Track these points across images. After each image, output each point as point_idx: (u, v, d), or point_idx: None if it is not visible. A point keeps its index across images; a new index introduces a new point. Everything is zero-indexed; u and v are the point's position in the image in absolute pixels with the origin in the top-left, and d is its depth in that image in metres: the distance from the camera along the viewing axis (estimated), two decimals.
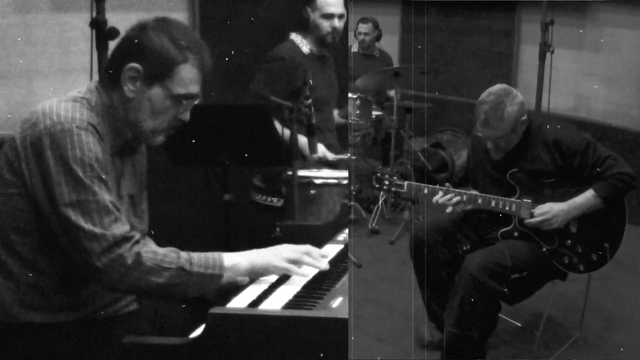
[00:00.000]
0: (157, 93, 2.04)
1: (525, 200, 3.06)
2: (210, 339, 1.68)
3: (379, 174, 3.25)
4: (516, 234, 3.11)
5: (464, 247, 3.20)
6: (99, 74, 2.17)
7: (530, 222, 3.05)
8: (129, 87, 2.03)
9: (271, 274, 2.09)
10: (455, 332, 2.99)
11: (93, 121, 1.96)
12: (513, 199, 3.07)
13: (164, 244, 2.23)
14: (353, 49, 6.08)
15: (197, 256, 1.97)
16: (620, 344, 3.48)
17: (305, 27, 4.00)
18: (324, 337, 1.64)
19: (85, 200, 1.87)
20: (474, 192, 3.15)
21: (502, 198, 3.08)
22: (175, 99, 2.05)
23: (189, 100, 2.08)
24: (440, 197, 3.09)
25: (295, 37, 4.02)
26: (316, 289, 2.03)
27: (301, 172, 3.52)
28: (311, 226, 2.83)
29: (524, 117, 3.00)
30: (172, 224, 3.43)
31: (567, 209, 3.01)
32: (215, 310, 1.71)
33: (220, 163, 3.28)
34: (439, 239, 3.20)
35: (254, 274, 2.06)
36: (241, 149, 3.23)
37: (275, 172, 3.65)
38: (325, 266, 2.11)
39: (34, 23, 3.75)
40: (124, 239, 1.88)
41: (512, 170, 3.07)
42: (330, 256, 2.31)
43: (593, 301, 3.62)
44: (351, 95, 4.98)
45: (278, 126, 3.46)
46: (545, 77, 4.65)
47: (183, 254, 1.95)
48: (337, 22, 3.97)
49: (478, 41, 6.66)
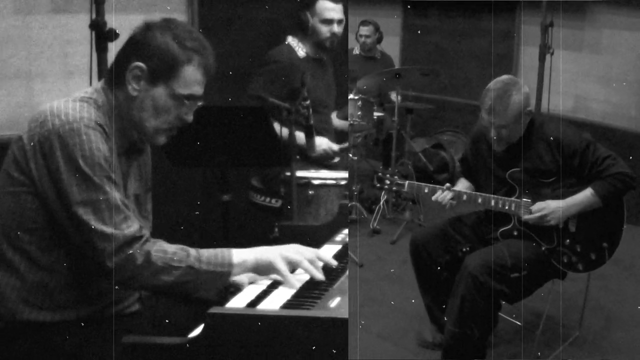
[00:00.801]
0: (160, 92, 2.05)
1: (524, 199, 3.07)
2: (209, 339, 1.69)
3: (380, 174, 3.26)
4: (515, 234, 3.11)
5: (463, 249, 3.20)
6: (105, 74, 2.17)
7: (529, 218, 3.05)
8: (133, 86, 2.05)
9: (271, 274, 2.09)
10: (456, 331, 3.00)
11: (100, 120, 1.98)
12: (512, 199, 3.08)
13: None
14: (354, 51, 6.09)
15: (207, 253, 1.98)
16: (619, 343, 3.48)
17: (304, 31, 4.02)
18: (322, 337, 1.64)
19: (96, 199, 1.89)
20: (474, 192, 3.16)
21: (501, 197, 3.09)
22: (177, 99, 2.06)
23: (191, 101, 2.09)
24: (440, 194, 3.10)
25: (292, 41, 4.04)
26: (315, 289, 2.03)
27: (299, 173, 3.54)
28: (309, 226, 2.84)
29: (528, 108, 3.02)
30: (172, 225, 3.44)
31: (565, 205, 3.01)
32: (214, 310, 1.71)
33: (219, 164, 3.29)
34: (438, 242, 3.20)
35: (256, 271, 2.07)
36: (240, 150, 3.24)
37: (273, 173, 3.66)
38: (320, 277, 2.08)
39: (33, 24, 3.76)
40: (135, 238, 1.90)
41: (512, 170, 3.08)
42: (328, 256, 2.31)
43: (592, 300, 3.63)
44: (353, 96, 4.99)
45: (276, 127, 3.47)
46: (545, 78, 4.66)
47: (192, 252, 1.96)
48: (336, 28, 3.99)
49: (478, 43, 6.67)
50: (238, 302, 1.95)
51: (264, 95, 3.55)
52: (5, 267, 2.01)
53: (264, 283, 2.12)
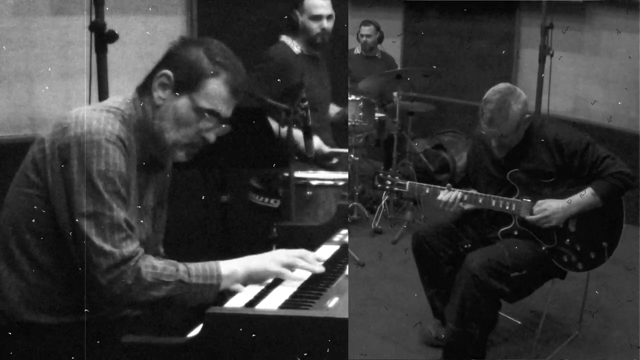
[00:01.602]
0: (182, 103, 2.05)
1: (525, 199, 3.07)
2: (208, 339, 1.69)
3: (381, 174, 3.27)
4: (516, 233, 3.12)
5: (465, 246, 3.21)
6: (140, 83, 2.14)
7: (530, 218, 3.06)
8: (159, 94, 2.05)
9: (267, 279, 2.10)
10: (456, 330, 3.00)
11: (123, 134, 1.97)
12: (513, 199, 3.09)
13: (163, 244, 2.25)
14: (355, 51, 6.11)
15: (195, 267, 1.97)
16: (618, 342, 3.48)
17: (295, 29, 4.03)
18: (320, 337, 1.65)
19: (101, 213, 1.88)
20: (474, 192, 3.16)
21: (502, 198, 3.09)
22: (199, 112, 2.05)
23: (214, 118, 2.08)
24: (444, 194, 3.10)
25: (285, 39, 4.05)
26: (313, 289, 2.04)
27: (298, 174, 3.54)
28: (307, 227, 2.84)
29: (527, 115, 3.03)
30: (171, 225, 3.43)
31: (565, 206, 3.02)
32: (213, 310, 1.72)
33: (217, 165, 3.29)
34: (440, 237, 3.21)
35: (250, 280, 2.06)
36: (238, 150, 3.24)
37: (272, 173, 3.66)
38: (320, 269, 2.11)
39: (33, 26, 3.76)
40: (130, 257, 1.89)
41: (512, 170, 3.09)
42: (326, 257, 2.31)
43: (591, 299, 3.63)
44: (354, 97, 5.00)
45: (274, 127, 3.47)
46: (545, 79, 4.66)
47: (181, 266, 1.95)
48: (325, 23, 3.99)
49: (479, 44, 6.68)
50: (236, 302, 1.95)
51: (261, 95, 3.56)
52: (12, 267, 2.02)
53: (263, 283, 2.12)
